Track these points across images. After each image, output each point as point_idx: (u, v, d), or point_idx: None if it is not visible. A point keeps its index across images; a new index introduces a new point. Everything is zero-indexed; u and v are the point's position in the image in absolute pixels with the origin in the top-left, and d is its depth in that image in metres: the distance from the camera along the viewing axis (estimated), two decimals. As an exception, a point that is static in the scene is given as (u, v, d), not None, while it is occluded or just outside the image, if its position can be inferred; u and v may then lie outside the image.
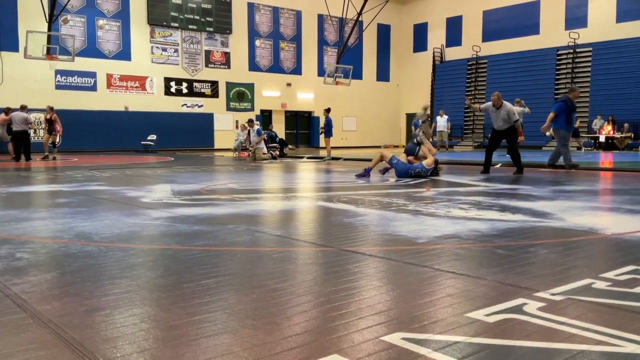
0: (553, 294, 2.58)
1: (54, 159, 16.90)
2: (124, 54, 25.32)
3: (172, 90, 26.72)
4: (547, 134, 20.69)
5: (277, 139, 20.97)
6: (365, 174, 9.66)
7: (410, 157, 10.58)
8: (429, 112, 10.51)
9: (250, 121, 19.08)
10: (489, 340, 2.01)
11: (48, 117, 17.18)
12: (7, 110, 17.09)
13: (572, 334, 2.06)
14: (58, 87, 23.72)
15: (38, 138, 21.93)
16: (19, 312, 2.36)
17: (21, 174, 11.23)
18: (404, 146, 10.45)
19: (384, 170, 10.03)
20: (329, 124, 18.31)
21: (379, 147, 28.81)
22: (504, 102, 10.59)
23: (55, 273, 3.07)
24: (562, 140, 11.18)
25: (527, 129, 18.99)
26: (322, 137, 19.47)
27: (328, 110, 18.57)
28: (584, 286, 2.72)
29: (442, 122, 24.37)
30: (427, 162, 9.56)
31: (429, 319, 2.27)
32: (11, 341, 2.03)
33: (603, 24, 25.47)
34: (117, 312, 2.35)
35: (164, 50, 26.46)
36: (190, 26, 26.95)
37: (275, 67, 30.11)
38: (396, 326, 2.16)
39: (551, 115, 11.02)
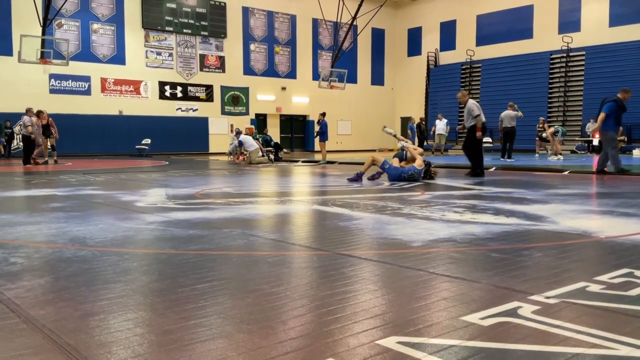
0: (547, 297, 2.58)
1: (55, 162, 16.95)
2: (118, 58, 25.29)
3: (167, 94, 26.69)
4: (544, 135, 20.82)
5: (272, 142, 20.98)
6: (358, 178, 9.70)
7: (402, 162, 10.60)
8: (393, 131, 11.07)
9: (238, 133, 19.37)
10: (484, 343, 2.01)
11: (44, 122, 17.19)
12: (38, 112, 17.14)
13: (567, 337, 2.07)
14: (52, 91, 23.67)
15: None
16: (13, 317, 2.35)
17: (15, 178, 11.18)
18: (397, 150, 10.53)
19: (376, 175, 10.03)
20: (323, 128, 18.34)
21: (373, 150, 28.86)
22: (469, 99, 10.93)
23: (49, 278, 3.05)
24: (611, 142, 10.79)
25: (520, 133, 19.13)
26: (317, 140, 19.52)
27: (323, 114, 18.60)
28: (578, 289, 2.73)
29: (441, 125, 24.41)
30: (418, 163, 9.64)
31: (424, 322, 2.27)
32: (5, 346, 2.02)
33: (596, 28, 25.64)
34: (111, 317, 2.35)
35: (159, 54, 26.45)
36: (184, 30, 26.96)
37: (270, 71, 30.14)
38: (391, 330, 2.17)
39: (602, 116, 10.57)
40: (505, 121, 17.24)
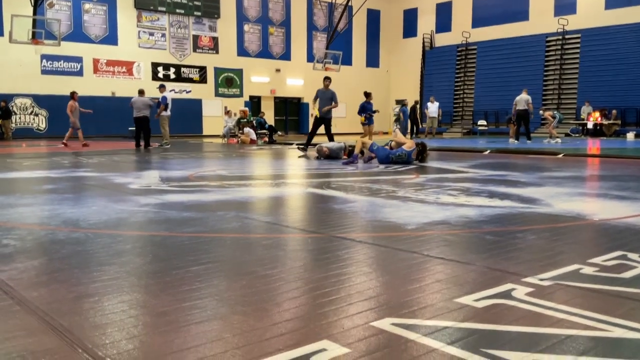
0: (541, 280, 2.59)
1: None
2: (110, 38, 25.02)
3: (160, 75, 26.46)
4: (541, 111, 21.09)
5: (267, 125, 20.92)
6: (353, 160, 9.70)
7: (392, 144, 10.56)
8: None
9: (161, 86, 17.49)
10: (478, 325, 2.02)
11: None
12: (74, 95, 16.96)
13: (560, 319, 2.08)
14: (44, 72, 23.43)
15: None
16: (7, 299, 2.34)
17: (7, 160, 11.11)
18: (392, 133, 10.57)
19: (368, 158, 10.04)
20: (366, 110, 16.33)
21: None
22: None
23: (42, 260, 3.04)
24: None
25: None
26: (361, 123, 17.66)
27: (367, 95, 16.60)
28: (572, 271, 2.74)
29: (433, 108, 24.34)
30: (408, 145, 9.64)
31: (418, 304, 2.27)
32: (-2, 328, 2.02)
33: (592, 10, 25.53)
34: (105, 299, 2.34)
35: (151, 34, 26.17)
36: (177, 10, 26.66)
37: (264, 53, 29.90)
38: (386, 312, 2.17)
39: None
40: (520, 104, 17.53)
